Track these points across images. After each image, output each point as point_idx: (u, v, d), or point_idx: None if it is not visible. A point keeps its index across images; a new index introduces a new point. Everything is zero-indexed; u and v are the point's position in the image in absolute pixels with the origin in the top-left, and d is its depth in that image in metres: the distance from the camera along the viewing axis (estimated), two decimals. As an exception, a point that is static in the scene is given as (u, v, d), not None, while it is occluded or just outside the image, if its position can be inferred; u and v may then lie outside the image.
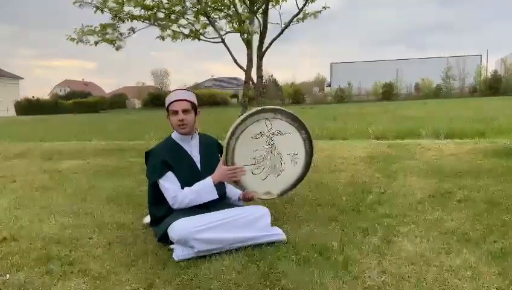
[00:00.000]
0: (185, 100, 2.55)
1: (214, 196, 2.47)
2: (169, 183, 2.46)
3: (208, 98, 31.42)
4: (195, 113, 2.61)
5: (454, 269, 2.04)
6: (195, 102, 2.62)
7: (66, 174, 4.89)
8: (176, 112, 2.52)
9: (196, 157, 2.62)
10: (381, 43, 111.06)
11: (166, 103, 2.58)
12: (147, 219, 2.79)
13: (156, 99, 35.81)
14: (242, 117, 2.57)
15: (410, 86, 36.26)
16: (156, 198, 2.55)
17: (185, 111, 2.53)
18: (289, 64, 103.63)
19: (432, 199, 3.25)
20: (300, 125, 2.75)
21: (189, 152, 2.61)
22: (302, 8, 6.87)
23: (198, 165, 2.61)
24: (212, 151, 2.71)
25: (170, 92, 2.75)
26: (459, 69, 35.08)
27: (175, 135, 2.64)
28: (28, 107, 33.90)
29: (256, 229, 2.40)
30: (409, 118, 11.08)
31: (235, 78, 51.82)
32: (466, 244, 2.34)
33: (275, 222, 2.62)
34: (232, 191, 2.77)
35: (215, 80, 56.52)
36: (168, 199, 2.46)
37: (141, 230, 2.75)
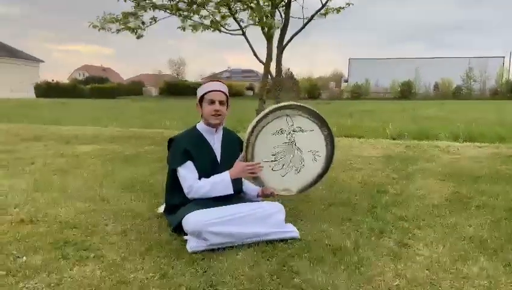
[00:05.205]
0: (223, 92, 2.59)
1: (230, 191, 2.47)
2: (187, 172, 2.48)
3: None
4: (227, 106, 2.64)
5: (470, 277, 2.00)
6: (228, 96, 2.66)
7: (83, 159, 4.97)
8: (212, 102, 2.55)
9: (217, 150, 2.63)
10: (400, 41, 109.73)
11: (202, 92, 2.59)
12: (162, 208, 2.81)
13: (172, 88, 35.99)
14: (263, 113, 2.56)
15: (429, 86, 35.60)
16: (173, 186, 2.57)
17: (221, 102, 2.56)
18: (306, 58, 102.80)
19: (449, 203, 3.20)
20: (322, 123, 2.72)
21: (211, 145, 2.62)
22: (326, 3, 6.78)
23: (218, 159, 2.61)
24: (233, 146, 2.70)
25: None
26: (481, 70, 34.29)
27: (200, 126, 2.65)
28: (48, 90, 34.49)
29: (270, 225, 2.40)
30: (427, 119, 10.91)
31: (251, 70, 51.68)
32: (484, 252, 2.29)
33: (288, 219, 2.61)
34: (250, 188, 2.76)
35: (231, 71, 56.44)
36: (184, 188, 2.48)
37: (156, 219, 2.77)
